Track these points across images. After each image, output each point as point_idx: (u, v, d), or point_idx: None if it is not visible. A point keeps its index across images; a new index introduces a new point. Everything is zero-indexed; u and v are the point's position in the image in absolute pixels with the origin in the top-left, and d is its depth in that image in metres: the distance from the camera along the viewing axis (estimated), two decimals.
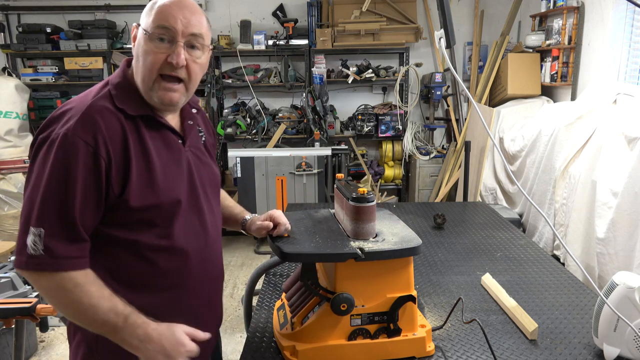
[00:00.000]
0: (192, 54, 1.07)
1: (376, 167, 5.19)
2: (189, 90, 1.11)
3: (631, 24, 3.23)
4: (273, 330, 1.31)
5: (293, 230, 1.24)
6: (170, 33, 1.03)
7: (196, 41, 1.07)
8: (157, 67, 1.03)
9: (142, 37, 1.05)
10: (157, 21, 1.03)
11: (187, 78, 1.08)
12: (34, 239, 0.94)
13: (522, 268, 1.71)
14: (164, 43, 1.03)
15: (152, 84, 1.05)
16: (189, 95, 1.12)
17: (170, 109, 1.12)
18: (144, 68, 1.04)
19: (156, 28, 1.02)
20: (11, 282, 1.71)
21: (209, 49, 1.13)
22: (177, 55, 1.03)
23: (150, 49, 1.03)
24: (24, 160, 4.25)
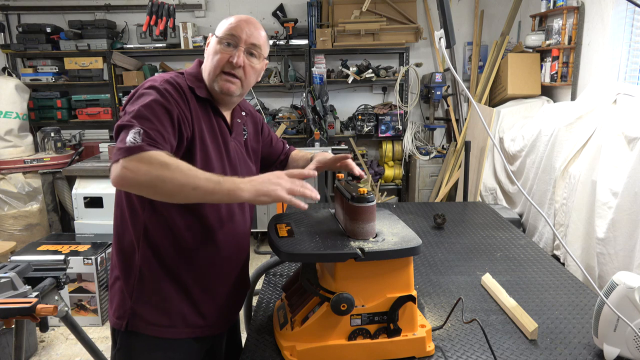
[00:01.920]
0: (250, 60, 1.32)
1: (376, 167, 5.19)
2: (244, 88, 1.34)
3: (631, 24, 3.23)
4: (273, 330, 1.31)
5: (293, 230, 1.24)
6: (236, 40, 1.29)
7: (254, 50, 1.32)
8: (221, 65, 1.28)
9: (214, 41, 1.32)
10: (228, 30, 1.30)
11: (243, 77, 1.31)
12: (133, 136, 1.09)
13: (522, 268, 1.71)
14: (229, 47, 1.29)
15: (215, 77, 1.29)
16: (243, 91, 1.35)
17: (228, 99, 1.33)
18: (211, 64, 1.30)
19: (226, 35, 1.29)
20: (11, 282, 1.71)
21: (265, 59, 1.38)
22: (237, 56, 1.28)
23: (218, 50, 1.29)
24: (24, 160, 4.25)
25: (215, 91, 1.31)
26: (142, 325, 1.28)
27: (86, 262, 3.11)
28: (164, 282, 1.28)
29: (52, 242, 3.29)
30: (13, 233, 4.12)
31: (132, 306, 1.28)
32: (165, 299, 1.29)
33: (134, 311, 1.28)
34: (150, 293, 1.28)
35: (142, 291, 1.28)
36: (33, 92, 4.91)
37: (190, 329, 1.32)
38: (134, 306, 1.28)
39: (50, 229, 4.28)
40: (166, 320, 1.29)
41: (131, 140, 1.08)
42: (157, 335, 1.29)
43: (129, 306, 1.29)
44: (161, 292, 1.28)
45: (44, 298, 1.78)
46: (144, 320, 1.28)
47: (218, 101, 1.35)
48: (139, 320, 1.28)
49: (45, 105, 4.97)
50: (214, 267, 1.33)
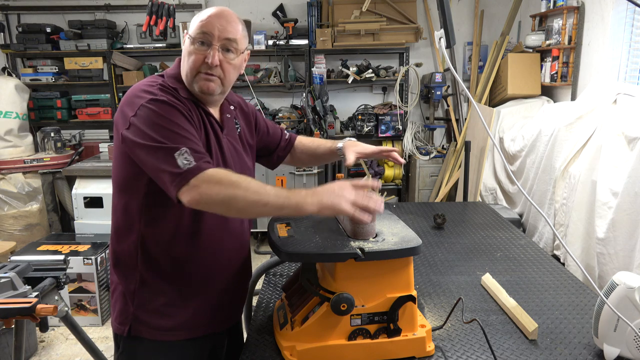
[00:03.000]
0: (226, 56, 1.27)
1: (376, 167, 5.19)
2: (225, 86, 1.30)
3: (631, 24, 3.23)
4: (273, 330, 1.31)
5: (293, 230, 1.24)
6: (208, 38, 1.23)
7: (230, 45, 1.26)
8: (197, 66, 1.24)
9: (187, 40, 1.26)
10: (198, 28, 1.24)
11: (222, 75, 1.27)
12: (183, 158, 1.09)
13: (522, 268, 1.71)
14: (203, 46, 1.24)
15: (193, 78, 1.26)
16: (224, 89, 1.31)
17: (209, 98, 1.30)
18: (188, 66, 1.26)
19: (197, 34, 1.23)
20: (11, 282, 1.71)
21: (244, 52, 1.33)
22: (212, 57, 1.22)
23: (192, 51, 1.24)
24: (24, 161, 4.25)
25: (196, 92, 1.28)
26: (144, 330, 1.29)
27: (86, 262, 3.11)
28: (165, 287, 1.29)
29: (52, 242, 3.29)
30: (13, 233, 4.12)
31: (134, 312, 1.29)
32: (167, 303, 1.29)
33: (136, 317, 1.29)
34: (151, 298, 1.29)
35: (143, 297, 1.29)
36: (33, 92, 4.90)
37: (191, 331, 1.32)
38: (136, 312, 1.29)
39: (50, 229, 4.28)
40: (168, 324, 1.30)
41: (184, 163, 1.08)
42: (159, 339, 1.29)
43: (131, 312, 1.29)
44: (162, 297, 1.29)
45: (44, 298, 1.78)
46: (147, 325, 1.29)
47: (202, 100, 1.32)
48: (141, 325, 1.29)
49: (45, 105, 4.97)
50: (214, 269, 1.33)
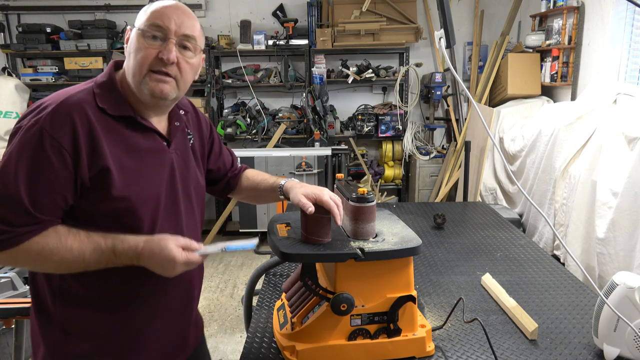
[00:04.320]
0: (184, 54, 1.08)
1: (376, 167, 5.19)
2: (180, 89, 1.11)
3: (631, 24, 3.23)
4: (273, 330, 1.31)
5: (293, 230, 1.24)
6: (163, 31, 1.05)
7: (188, 42, 1.08)
8: (148, 63, 1.04)
9: (135, 34, 1.06)
10: (151, 20, 1.05)
11: (179, 75, 1.08)
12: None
13: (522, 268, 1.71)
14: (156, 41, 1.05)
15: (142, 79, 1.05)
16: (180, 93, 1.12)
17: (161, 103, 1.10)
18: (135, 63, 1.05)
19: (150, 26, 1.05)
20: (11, 282, 1.71)
21: (202, 52, 1.14)
22: (168, 52, 1.04)
23: (142, 46, 1.04)
24: None
25: (146, 96, 1.06)
26: None
27: None
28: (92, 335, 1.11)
29: None
30: None
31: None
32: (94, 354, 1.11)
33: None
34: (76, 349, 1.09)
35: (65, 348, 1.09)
36: (33, 92, 4.90)
37: None
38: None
39: None
40: None
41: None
42: None
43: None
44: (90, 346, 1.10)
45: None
46: None
47: (148, 108, 1.11)
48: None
49: None
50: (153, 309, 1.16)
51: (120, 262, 1.02)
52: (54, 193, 0.98)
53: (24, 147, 0.96)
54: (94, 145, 1.00)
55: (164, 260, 1.01)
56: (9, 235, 0.95)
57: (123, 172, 1.04)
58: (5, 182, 0.95)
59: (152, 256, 1.01)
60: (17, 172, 0.95)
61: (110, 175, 1.01)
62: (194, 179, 1.24)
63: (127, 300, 1.12)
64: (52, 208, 0.99)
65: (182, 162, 1.19)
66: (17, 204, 0.95)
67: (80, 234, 1.01)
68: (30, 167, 0.96)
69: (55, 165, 0.97)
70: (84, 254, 0.99)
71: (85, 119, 1.00)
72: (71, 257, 0.99)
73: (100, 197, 1.02)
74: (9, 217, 0.95)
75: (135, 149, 1.07)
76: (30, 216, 0.96)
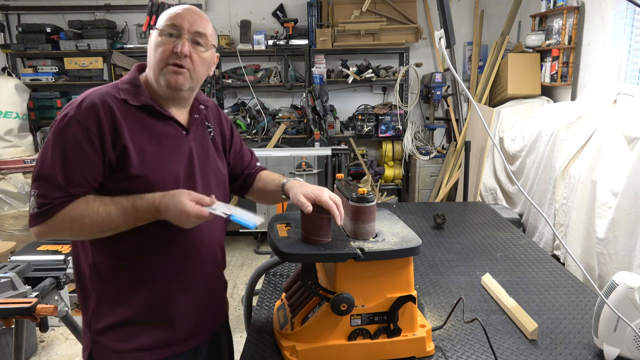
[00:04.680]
0: (196, 49, 1.22)
1: (376, 167, 5.19)
2: (194, 80, 1.24)
3: (631, 24, 3.23)
4: (273, 330, 1.31)
5: (293, 230, 1.24)
6: (177, 29, 1.20)
7: (200, 38, 1.22)
8: (165, 57, 1.19)
9: (155, 34, 1.22)
10: (167, 20, 1.21)
11: (192, 67, 1.21)
12: (32, 200, 1.13)
13: (522, 268, 1.71)
14: (171, 38, 1.20)
15: (159, 71, 1.20)
16: (194, 83, 1.24)
17: (177, 94, 1.23)
18: (154, 59, 1.20)
19: (166, 26, 1.20)
20: (11, 282, 1.71)
21: (214, 49, 1.28)
22: (181, 46, 1.18)
23: (160, 43, 1.20)
24: (24, 160, 4.25)
25: (163, 87, 1.21)
26: (105, 355, 1.22)
27: None
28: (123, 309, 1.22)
29: (52, 242, 3.28)
30: (13, 233, 4.12)
31: (92, 336, 1.23)
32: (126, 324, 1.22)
33: (95, 341, 1.23)
34: (109, 321, 1.22)
35: (100, 320, 1.22)
36: (33, 92, 4.90)
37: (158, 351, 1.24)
38: (95, 336, 1.23)
39: None
40: (130, 346, 1.22)
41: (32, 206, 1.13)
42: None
43: (89, 337, 1.23)
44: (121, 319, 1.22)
45: (43, 298, 1.78)
46: (108, 349, 1.22)
47: (168, 100, 1.25)
48: (102, 350, 1.22)
49: (45, 105, 4.97)
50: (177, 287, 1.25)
51: (143, 218, 1.14)
52: (84, 170, 1.13)
53: (58, 133, 1.13)
54: (115, 129, 1.15)
55: (178, 212, 1.11)
56: (47, 207, 1.11)
57: (141, 153, 1.17)
58: (44, 162, 1.13)
59: (167, 209, 1.12)
60: (53, 153, 1.12)
61: (128, 155, 1.15)
62: (214, 167, 1.34)
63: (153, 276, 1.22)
64: (82, 184, 1.14)
65: (201, 150, 1.30)
66: (53, 181, 1.12)
67: (105, 198, 1.15)
68: (63, 149, 1.12)
69: (85, 146, 1.12)
70: (110, 214, 1.12)
71: (108, 108, 1.16)
72: (100, 218, 1.12)
73: (122, 177, 1.15)
74: (47, 192, 1.11)
75: (154, 134, 1.21)
76: (64, 191, 1.12)
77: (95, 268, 1.21)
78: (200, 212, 1.11)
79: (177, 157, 1.23)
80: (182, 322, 1.27)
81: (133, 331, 1.22)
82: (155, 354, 1.24)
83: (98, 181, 1.15)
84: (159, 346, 1.24)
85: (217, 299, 1.41)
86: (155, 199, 1.13)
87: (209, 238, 1.31)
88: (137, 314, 1.22)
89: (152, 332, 1.23)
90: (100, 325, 1.22)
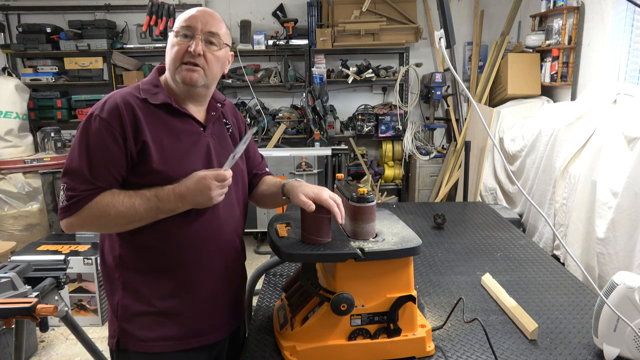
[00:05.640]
0: (210, 48, 1.28)
1: (376, 167, 5.19)
2: (208, 77, 1.29)
3: (631, 24, 3.23)
4: (273, 330, 1.31)
5: (293, 230, 1.24)
6: (191, 30, 1.25)
7: (213, 38, 1.28)
8: (180, 56, 1.25)
9: (171, 35, 1.28)
10: (182, 22, 1.27)
11: (206, 65, 1.27)
12: (61, 194, 1.20)
13: (522, 268, 1.71)
14: (186, 39, 1.26)
15: (175, 70, 1.26)
16: (208, 80, 1.30)
17: (193, 90, 1.29)
18: (170, 58, 1.27)
19: (181, 27, 1.26)
20: (11, 282, 1.71)
21: (228, 48, 1.33)
22: (195, 45, 1.24)
23: (175, 43, 1.26)
24: (24, 160, 4.25)
25: (180, 85, 1.28)
26: (131, 342, 1.27)
27: (86, 262, 3.11)
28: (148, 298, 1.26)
29: (52, 242, 3.28)
30: (13, 233, 4.12)
31: (119, 324, 1.27)
32: (151, 313, 1.26)
33: (122, 329, 1.27)
34: (134, 310, 1.26)
35: (127, 309, 1.27)
36: (33, 92, 4.91)
37: (181, 342, 1.29)
38: (121, 324, 1.27)
39: (50, 229, 4.28)
40: (155, 334, 1.26)
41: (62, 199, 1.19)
42: (147, 350, 1.27)
43: (117, 325, 1.27)
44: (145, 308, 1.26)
45: (44, 298, 1.78)
46: (133, 337, 1.26)
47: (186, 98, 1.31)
48: (128, 338, 1.27)
49: (45, 105, 4.97)
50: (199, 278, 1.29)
51: (166, 209, 1.20)
52: (108, 164, 1.20)
53: (84, 130, 1.21)
54: (136, 125, 1.21)
55: (198, 183, 1.18)
56: (76, 199, 1.18)
57: (161, 149, 1.23)
58: (72, 158, 1.20)
59: (187, 187, 1.19)
60: (80, 149, 1.19)
61: (149, 149, 1.21)
62: None
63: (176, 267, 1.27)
64: (107, 177, 1.20)
65: (219, 145, 1.35)
66: (80, 175, 1.18)
67: (129, 191, 1.21)
68: (87, 145, 1.19)
69: (108, 142, 1.19)
70: (134, 205, 1.18)
71: (129, 106, 1.22)
72: (124, 209, 1.18)
73: (144, 171, 1.22)
74: (75, 186, 1.18)
75: (173, 131, 1.27)
76: (90, 184, 1.19)
77: (121, 259, 1.27)
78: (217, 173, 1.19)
79: (195, 152, 1.28)
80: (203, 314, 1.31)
81: (158, 321, 1.27)
82: (179, 344, 1.28)
83: (122, 175, 1.22)
84: (182, 337, 1.28)
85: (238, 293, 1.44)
86: (175, 186, 1.20)
87: (228, 229, 1.34)
88: (162, 304, 1.26)
89: (176, 322, 1.27)
90: (126, 314, 1.27)
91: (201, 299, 1.30)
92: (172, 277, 1.27)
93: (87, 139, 1.20)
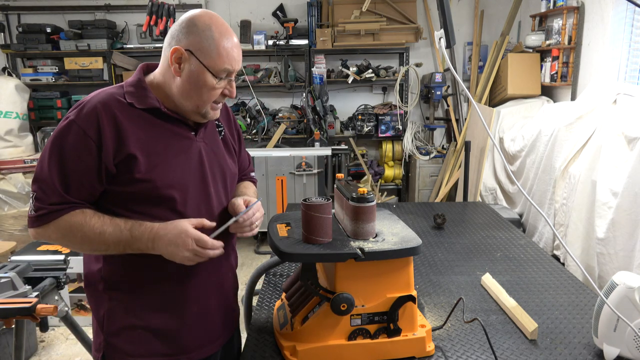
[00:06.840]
0: None
1: (376, 167, 5.19)
2: None
3: (631, 24, 3.23)
4: (273, 330, 1.31)
5: (293, 230, 1.24)
6: (230, 73, 1.20)
7: None
8: (215, 98, 1.20)
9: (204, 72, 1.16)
10: (223, 64, 1.16)
11: None
12: (31, 201, 1.13)
13: (522, 268, 1.71)
14: (223, 80, 1.20)
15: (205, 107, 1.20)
16: None
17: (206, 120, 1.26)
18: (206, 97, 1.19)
19: (222, 71, 1.17)
20: (11, 282, 1.71)
21: None
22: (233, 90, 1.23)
23: (213, 85, 1.18)
24: (24, 160, 4.25)
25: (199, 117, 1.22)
26: (118, 356, 1.22)
27: None
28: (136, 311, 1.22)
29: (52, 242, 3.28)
30: (13, 233, 4.12)
31: (105, 338, 1.23)
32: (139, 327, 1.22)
33: (107, 342, 1.22)
34: (122, 323, 1.22)
35: (114, 321, 1.22)
36: (33, 92, 4.91)
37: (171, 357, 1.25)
38: (108, 338, 1.22)
39: None
40: (143, 349, 1.22)
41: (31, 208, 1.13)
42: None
43: (102, 338, 1.23)
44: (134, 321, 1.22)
45: (44, 298, 1.78)
46: (121, 351, 1.22)
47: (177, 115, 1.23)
48: (115, 352, 1.22)
49: (45, 105, 4.97)
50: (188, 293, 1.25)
51: (136, 247, 1.13)
52: (82, 177, 1.12)
53: (57, 136, 1.12)
54: (119, 135, 1.12)
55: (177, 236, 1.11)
56: (43, 212, 1.11)
57: (149, 157, 1.15)
58: (42, 166, 1.12)
59: (166, 232, 1.12)
60: (51, 158, 1.11)
61: (136, 160, 1.13)
62: (225, 166, 1.33)
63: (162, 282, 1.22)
64: (80, 190, 1.13)
65: (211, 150, 1.29)
66: (50, 185, 1.11)
67: (105, 216, 1.14)
68: (61, 154, 1.11)
69: (81, 152, 1.11)
70: (104, 234, 1.11)
71: (110, 112, 1.13)
72: (93, 236, 1.11)
73: (127, 180, 1.14)
74: (43, 196, 1.11)
75: (162, 136, 1.19)
76: (60, 196, 1.11)
77: (105, 271, 1.21)
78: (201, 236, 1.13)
79: (186, 158, 1.22)
80: (194, 329, 1.27)
81: (145, 336, 1.22)
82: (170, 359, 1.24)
83: (97, 189, 1.14)
84: (172, 353, 1.25)
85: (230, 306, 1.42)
86: (153, 226, 1.13)
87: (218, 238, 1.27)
88: (150, 318, 1.22)
89: (164, 338, 1.23)
90: (113, 328, 1.22)
91: (192, 314, 1.26)
92: (157, 290, 1.22)
93: (60, 147, 1.11)
